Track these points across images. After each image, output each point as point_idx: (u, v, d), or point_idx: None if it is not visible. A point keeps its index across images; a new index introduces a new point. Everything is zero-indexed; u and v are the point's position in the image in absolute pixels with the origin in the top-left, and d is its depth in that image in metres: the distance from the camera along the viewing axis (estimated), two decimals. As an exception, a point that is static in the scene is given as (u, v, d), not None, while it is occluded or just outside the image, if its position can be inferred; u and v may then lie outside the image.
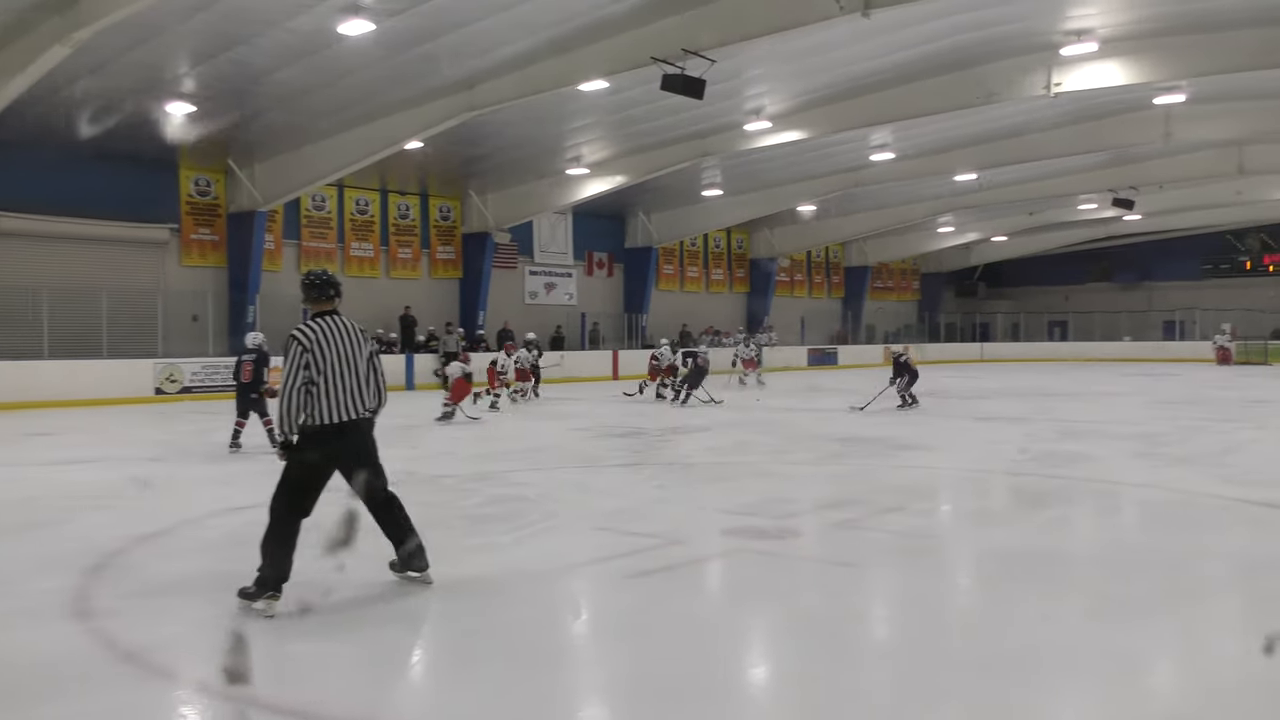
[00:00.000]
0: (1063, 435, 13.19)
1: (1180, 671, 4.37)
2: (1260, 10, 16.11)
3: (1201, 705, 3.90)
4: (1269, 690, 3.96)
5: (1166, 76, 18.32)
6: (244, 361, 11.79)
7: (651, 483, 9.62)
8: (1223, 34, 16.91)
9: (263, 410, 11.60)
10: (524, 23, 15.51)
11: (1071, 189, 31.84)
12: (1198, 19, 16.67)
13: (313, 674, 4.20)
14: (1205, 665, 4.40)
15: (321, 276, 5.43)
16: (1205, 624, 4.93)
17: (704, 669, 4.25)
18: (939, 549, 6.84)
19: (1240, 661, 4.41)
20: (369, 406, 5.20)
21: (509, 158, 24.83)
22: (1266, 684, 4.03)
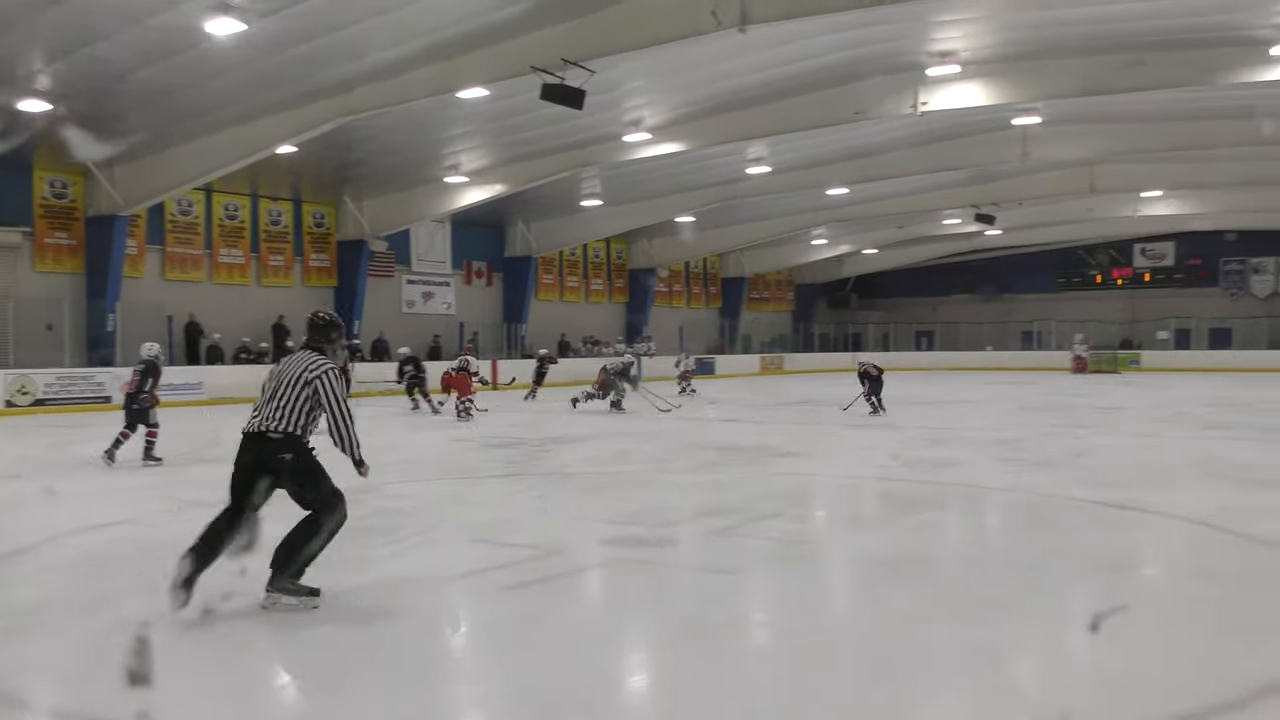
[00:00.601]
0: (931, 442, 13.67)
1: (1040, 666, 4.58)
2: (1108, 38, 17.10)
3: (1062, 697, 4.10)
4: (1120, 682, 4.19)
5: (1024, 98, 19.22)
6: (134, 371, 11.51)
7: (530, 493, 9.58)
8: (1075, 59, 17.88)
9: (146, 420, 11.27)
10: (402, 28, 15.29)
11: (937, 204, 33.09)
12: (1052, 45, 17.57)
13: (187, 689, 4.03)
14: (1063, 659, 4.62)
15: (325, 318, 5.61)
16: (1064, 620, 5.17)
17: (585, 679, 4.26)
18: (815, 554, 7.01)
19: (1095, 654, 4.65)
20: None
21: (386, 164, 24.40)
22: (1118, 676, 4.26)
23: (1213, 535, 7.24)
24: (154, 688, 1.36)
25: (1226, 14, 15.83)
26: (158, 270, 24.42)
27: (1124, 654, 4.56)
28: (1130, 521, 7.90)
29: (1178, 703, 3.90)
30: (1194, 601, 5.58)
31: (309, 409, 5.26)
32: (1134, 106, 21.82)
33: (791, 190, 29.23)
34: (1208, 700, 3.90)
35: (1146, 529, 7.73)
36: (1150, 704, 3.92)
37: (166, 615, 4.66)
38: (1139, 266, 44.43)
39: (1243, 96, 20.39)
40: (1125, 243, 43.84)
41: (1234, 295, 42.41)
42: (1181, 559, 6.85)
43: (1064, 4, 15.82)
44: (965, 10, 16.19)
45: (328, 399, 5.23)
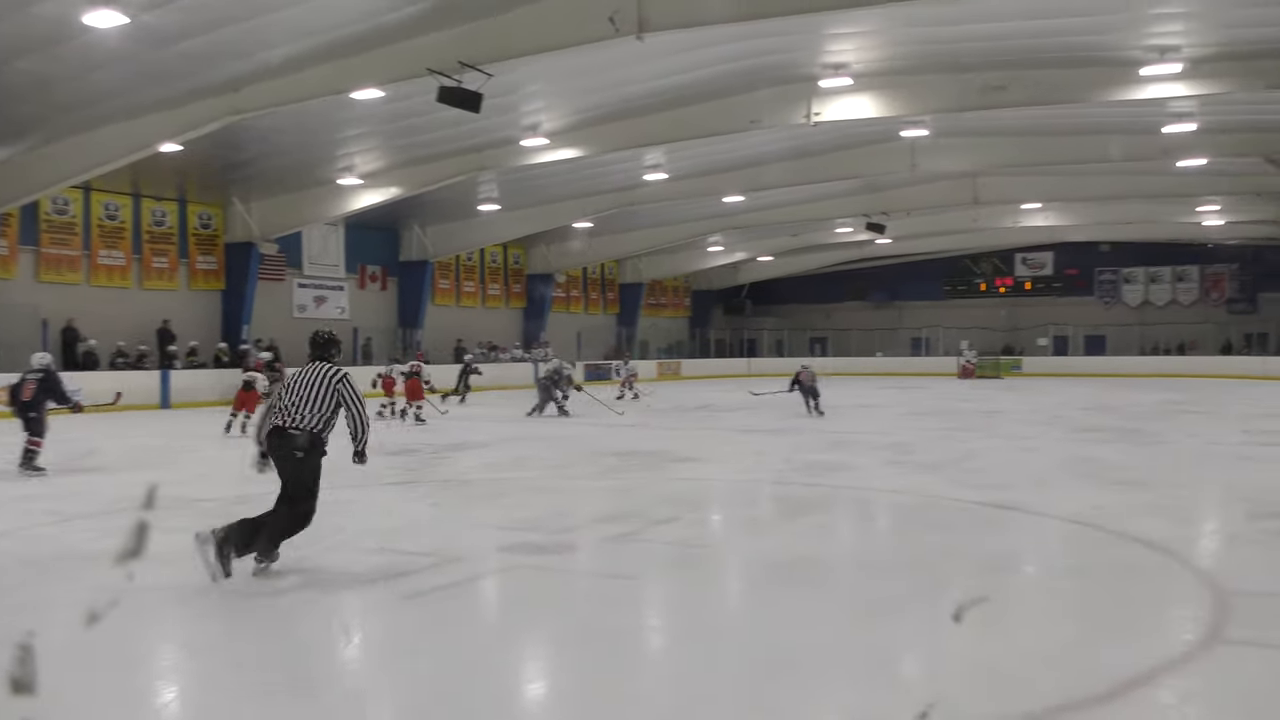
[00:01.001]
0: (824, 446, 13.96)
1: (926, 663, 4.74)
2: (988, 55, 17.78)
3: (944, 691, 4.25)
4: (998, 676, 4.36)
5: (911, 111, 19.82)
6: (27, 380, 11.14)
7: (427, 500, 9.48)
8: (956, 75, 18.52)
9: (38, 430, 11.02)
10: (294, 25, 14.95)
11: (830, 213, 33.83)
12: (936, 60, 18.17)
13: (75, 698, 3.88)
14: (948, 655, 4.79)
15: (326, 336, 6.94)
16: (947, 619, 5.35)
17: (483, 686, 4.24)
18: (711, 558, 7.11)
19: (976, 649, 4.83)
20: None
21: (276, 165, 23.80)
22: (997, 670, 4.43)
23: (1086, 533, 7.58)
24: (38, 696, 1.31)
25: (1100, 35, 16.60)
26: (31, 272, 23.35)
27: (1003, 649, 4.75)
28: (1011, 521, 8.22)
29: (1052, 695, 4.08)
30: (1068, 597, 5.85)
31: (331, 411, 6.31)
32: (1015, 122, 22.71)
33: (688, 197, 29.52)
34: (1080, 692, 4.10)
35: (1025, 528, 8.05)
36: (1027, 697, 4.09)
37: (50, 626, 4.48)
38: (1020, 275, 46.20)
39: (1116, 114, 21.44)
40: (1007, 252, 45.55)
41: (1107, 304, 44.45)
42: (1057, 556, 7.16)
43: (947, 22, 16.36)
44: (856, 24, 16.61)
45: (348, 399, 6.35)
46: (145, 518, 1.47)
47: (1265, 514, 8.31)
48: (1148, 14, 15.81)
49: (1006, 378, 38.34)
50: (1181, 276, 43.33)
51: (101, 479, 10.94)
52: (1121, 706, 4.00)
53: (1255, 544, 7.30)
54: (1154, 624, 5.26)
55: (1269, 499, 9.01)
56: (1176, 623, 5.30)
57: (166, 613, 5.31)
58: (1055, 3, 15.40)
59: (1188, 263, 42.78)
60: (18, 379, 11.43)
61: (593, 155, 22.55)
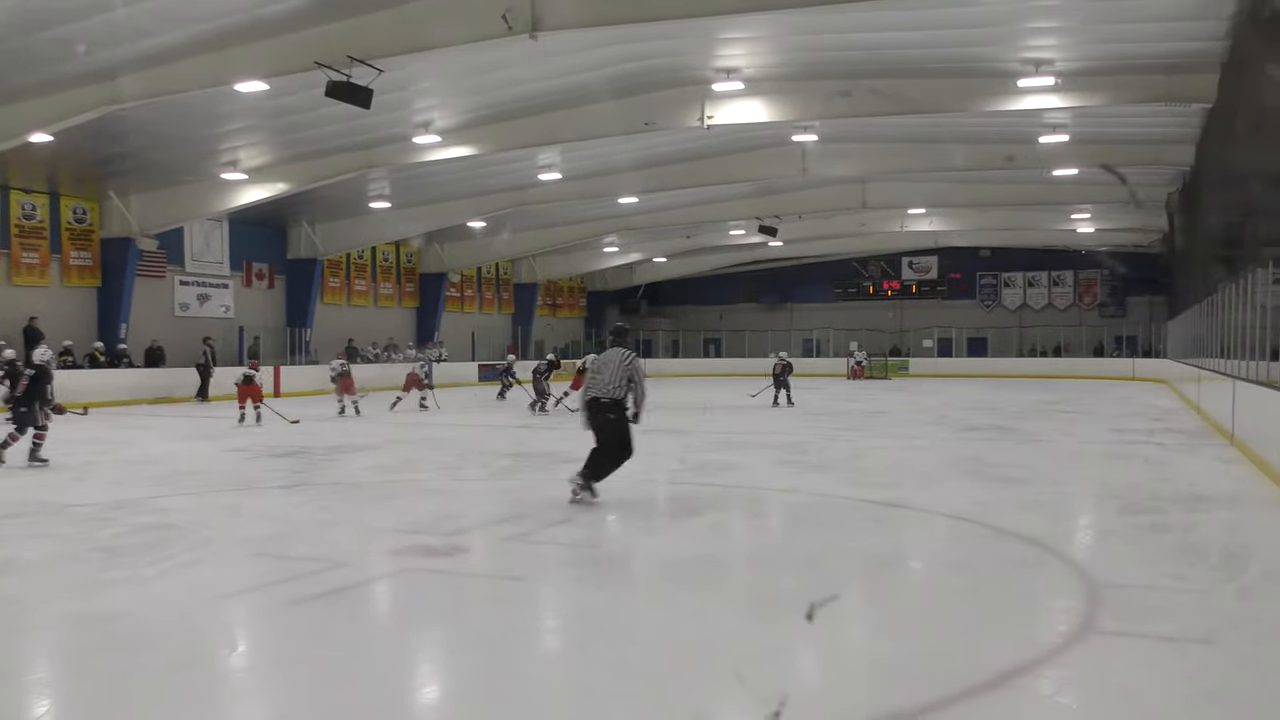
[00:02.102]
0: (717, 446, 14.10)
1: (818, 659, 4.81)
2: (872, 63, 18.23)
3: (835, 686, 4.33)
4: (886, 669, 4.46)
5: (801, 116, 20.16)
6: (22, 377, 11.93)
7: (314, 504, 9.24)
8: (841, 82, 18.93)
9: (34, 422, 11.74)
10: (173, 14, 14.43)
11: (724, 215, 34.23)
12: (823, 67, 18.54)
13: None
14: (837, 650, 4.88)
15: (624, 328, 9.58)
16: (839, 615, 5.46)
17: (374, 693, 4.15)
18: (605, 558, 7.10)
19: (866, 644, 4.94)
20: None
21: (156, 158, 22.92)
22: (885, 664, 4.54)
23: (969, 529, 7.83)
24: None
25: (979, 46, 17.16)
26: (-113, 266, 22.05)
27: (889, 642, 4.86)
28: (898, 518, 8.43)
29: (937, 686, 4.19)
30: (952, 591, 6.02)
31: (626, 383, 8.75)
32: (901, 129, 23.31)
33: (583, 198, 29.49)
34: (963, 682, 4.22)
35: (912, 525, 8.27)
36: (913, 688, 4.19)
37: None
38: (906, 279, 47.52)
39: (995, 124, 22.22)
40: (894, 256, 46.80)
41: (988, 307, 46.05)
42: (941, 552, 7.37)
43: (833, 30, 16.70)
44: (746, 30, 16.83)
45: (636, 375, 8.83)
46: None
47: (1135, 509, 8.70)
48: (1024, 28, 16.43)
49: (894, 378, 39.39)
50: (1057, 281, 45.19)
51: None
52: (1002, 696, 4.13)
53: (1125, 539, 7.64)
54: (1032, 616, 5.45)
55: (1138, 495, 9.43)
56: (1053, 614, 5.50)
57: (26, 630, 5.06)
58: (938, 15, 15.84)
59: (1063, 268, 44.64)
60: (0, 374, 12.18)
61: (486, 154, 22.34)
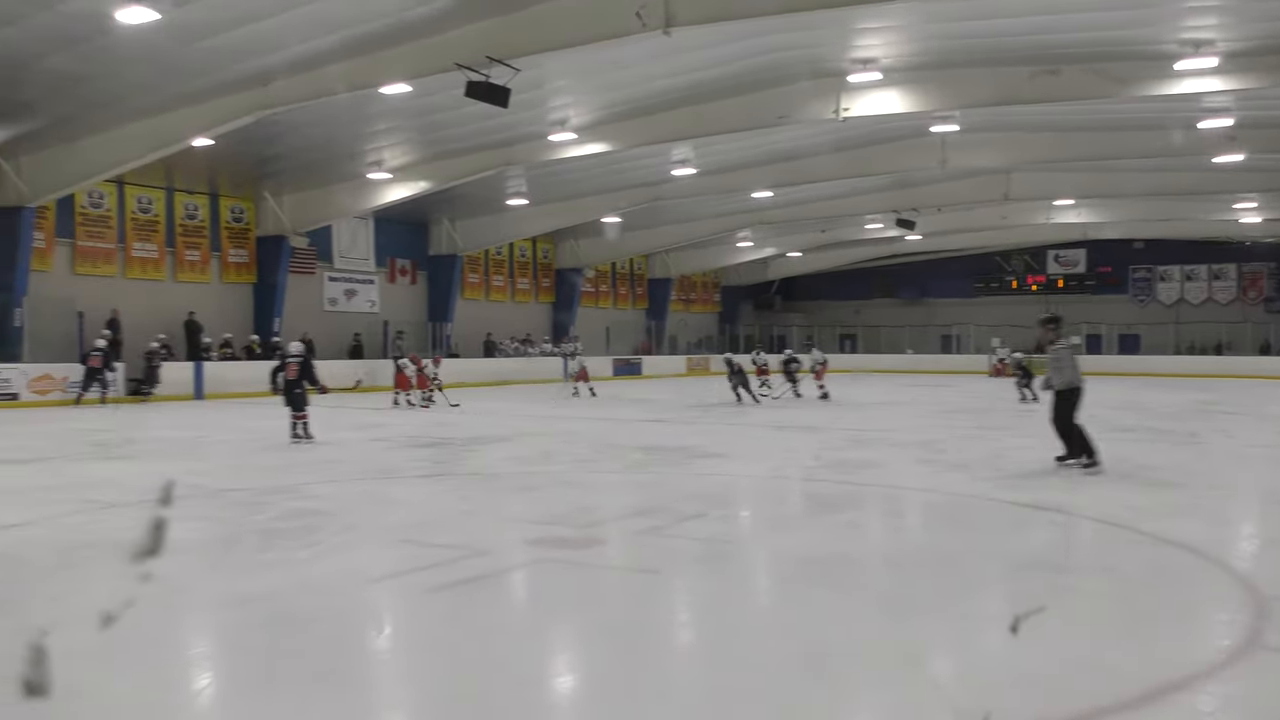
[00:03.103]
0: (853, 443, 13.87)
1: (957, 663, 4.67)
2: (1020, 49, 17.56)
3: (975, 693, 4.19)
4: (1030, 676, 4.29)
5: (941, 106, 19.64)
6: (289, 363, 13.56)
7: (454, 493, 9.48)
8: (987, 69, 18.33)
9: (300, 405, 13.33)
10: (322, 20, 15.02)
11: (859, 209, 33.64)
12: (966, 54, 17.99)
13: (93, 703, 3.90)
14: (978, 656, 4.72)
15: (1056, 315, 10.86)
16: (978, 618, 5.28)
17: (510, 681, 4.22)
18: (739, 554, 7.06)
19: (1007, 651, 4.76)
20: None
21: (307, 159, 23.97)
22: (1028, 671, 4.36)
23: (1120, 534, 7.47)
24: (53, 698, 1.30)
25: (1133, 29, 16.36)
26: (67, 264, 23.66)
27: (1031, 652, 4.67)
28: (1043, 521, 8.11)
29: (1084, 699, 4.01)
30: (1102, 599, 5.74)
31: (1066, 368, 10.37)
32: (1047, 117, 22.45)
33: (717, 193, 29.44)
34: (1114, 697, 4.02)
35: (1058, 528, 7.94)
36: (1059, 700, 4.02)
37: (76, 620, 4.50)
38: (1052, 273, 45.74)
39: (1149, 109, 21.14)
40: (1039, 249, 45.11)
41: (1142, 302, 43.91)
42: (1090, 558, 7.05)
43: (977, 16, 16.18)
44: (885, 19, 16.47)
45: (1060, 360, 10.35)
46: (162, 515, 1.45)
47: (1304, 515, 8.16)
48: (1181, 7, 15.58)
49: (1039, 375, 37.92)
50: (1218, 275, 42.75)
51: (133, 468, 11.04)
52: (1156, 711, 3.92)
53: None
54: (1189, 628, 5.16)
55: (1308, 500, 8.84)
56: (1214, 627, 5.19)
57: (187, 609, 5.33)
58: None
59: (1225, 260, 42.20)
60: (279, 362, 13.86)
61: (620, 150, 22.52)
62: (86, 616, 1.59)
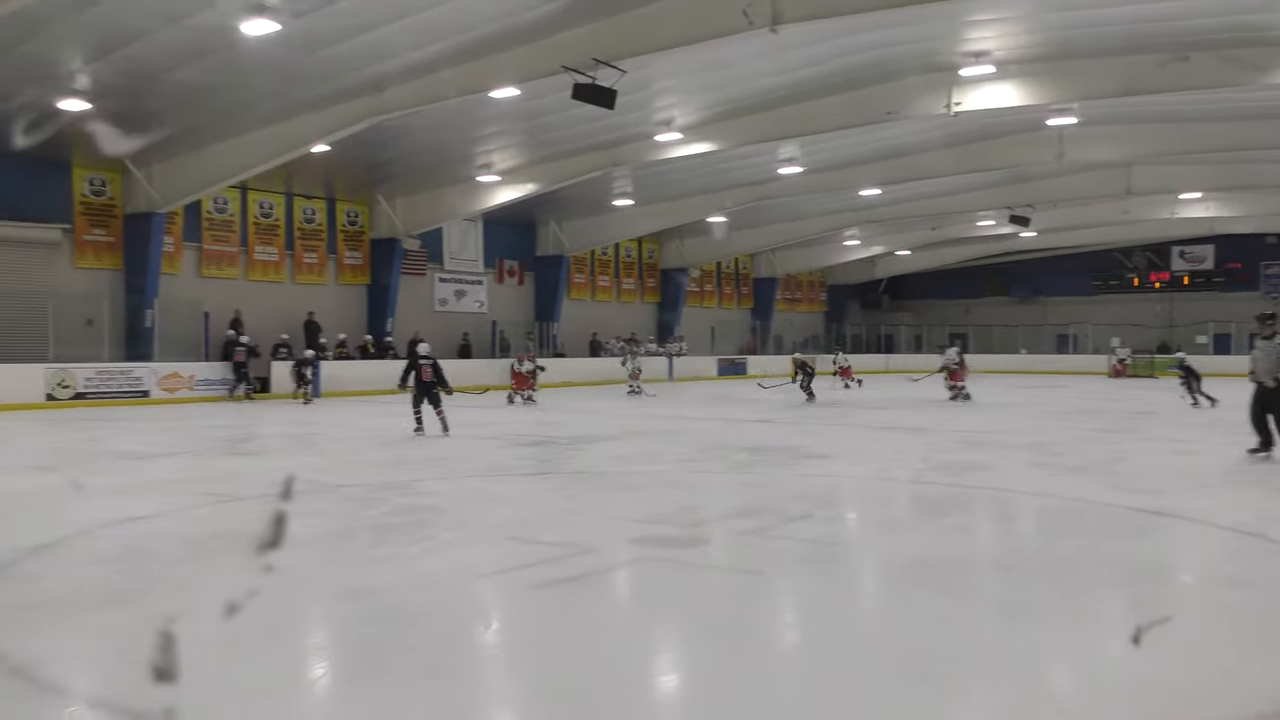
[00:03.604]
0: (963, 445, 13.56)
1: (1072, 672, 4.53)
2: (1146, 37, 16.88)
3: (1091, 703, 4.05)
4: (1151, 688, 4.13)
5: (1059, 99, 19.01)
6: (422, 365, 14.38)
7: (560, 492, 9.60)
8: (1111, 59, 17.66)
9: (437, 402, 14.32)
10: (433, 28, 15.37)
11: (971, 206, 32.83)
12: (1088, 44, 17.37)
13: (214, 689, 4.07)
14: (1095, 665, 4.56)
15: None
16: (1095, 625, 5.11)
17: (613, 678, 4.25)
18: (844, 556, 6.97)
19: (1126, 661, 4.58)
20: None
21: (418, 163, 24.55)
22: (1149, 683, 4.20)
23: (1249, 542, 7.13)
24: (180, 682, 1.37)
25: (1268, 13, 15.57)
26: (194, 267, 24.72)
27: (1153, 662, 4.49)
28: (1165, 528, 7.80)
29: (1210, 715, 3.84)
30: (1230, 610, 5.49)
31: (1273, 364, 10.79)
32: (1172, 107, 21.54)
33: (824, 191, 29.12)
34: (1242, 713, 3.84)
35: (1182, 536, 7.62)
36: (1181, 715, 3.86)
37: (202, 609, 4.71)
38: (1177, 270, 43.86)
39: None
40: (1163, 245, 43.29)
41: (1276, 299, 41.72)
42: (1218, 566, 6.74)
43: (1100, 3, 15.63)
44: (999, 10, 16.05)
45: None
46: (283, 509, 1.50)
47: None
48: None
49: (1162, 377, 36.43)
50: (1357, 269, 40.44)
51: (256, 463, 11.47)
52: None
53: None
54: (1326, 641, 4.89)
55: None
56: (1352, 640, 4.91)
57: (305, 601, 5.50)
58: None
59: (1364, 254, 39.89)
60: (409, 364, 14.66)
61: (726, 149, 22.46)
62: (212, 606, 1.65)
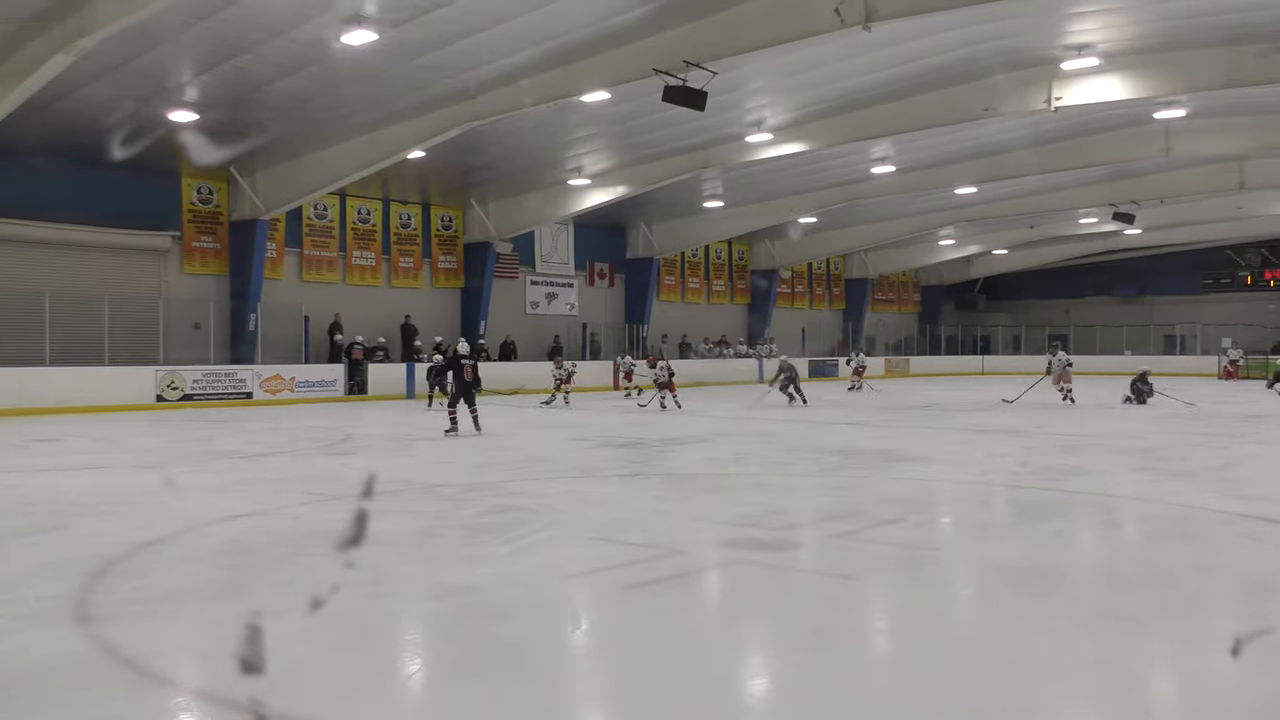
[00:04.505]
0: (1062, 449, 13.19)
1: (1176, 686, 4.37)
2: (1262, 25, 16.17)
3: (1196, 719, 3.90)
4: (1262, 705, 3.96)
5: (1167, 91, 18.35)
6: (465, 364, 14.61)
7: (650, 493, 9.62)
8: (1224, 49, 16.96)
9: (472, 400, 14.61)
10: (526, 33, 15.55)
11: (1072, 203, 31.89)
12: (1199, 33, 16.72)
13: (309, 682, 4.19)
14: (1201, 679, 4.40)
15: None
16: (1203, 638, 4.92)
17: (702, 681, 4.24)
18: (938, 561, 6.83)
19: (1235, 675, 4.40)
20: None
21: (510, 168, 24.88)
22: (1259, 699, 4.02)
23: (1372, 553, 6.78)
24: (267, 675, 1.42)
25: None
26: (295, 272, 25.45)
27: (1264, 678, 4.30)
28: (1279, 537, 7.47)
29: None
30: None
31: None
32: (1288, 97, 20.60)
33: (917, 190, 28.62)
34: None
35: (1298, 544, 7.29)
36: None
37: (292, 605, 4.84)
38: (1293, 267, 41.92)
39: None
40: (1277, 242, 41.43)
41: (1399, 297, 39.64)
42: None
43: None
44: (1102, 1, 15.56)
45: None
46: (365, 507, 1.54)
47: None
48: None
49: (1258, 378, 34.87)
50: None
51: (353, 463, 11.76)
52: None
53: None
54: None
55: None
56: None
57: (397, 597, 5.62)
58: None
59: None
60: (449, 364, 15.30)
61: (817, 149, 22.24)
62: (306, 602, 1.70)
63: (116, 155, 20.11)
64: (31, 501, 8.73)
